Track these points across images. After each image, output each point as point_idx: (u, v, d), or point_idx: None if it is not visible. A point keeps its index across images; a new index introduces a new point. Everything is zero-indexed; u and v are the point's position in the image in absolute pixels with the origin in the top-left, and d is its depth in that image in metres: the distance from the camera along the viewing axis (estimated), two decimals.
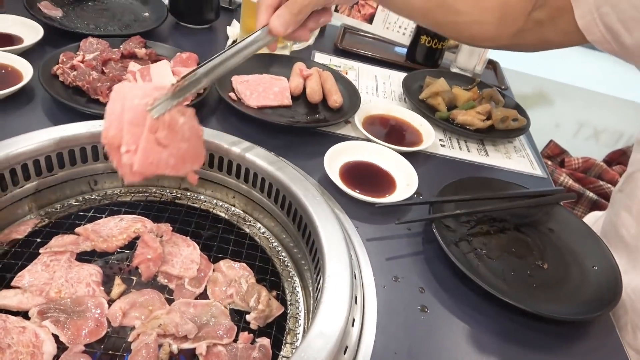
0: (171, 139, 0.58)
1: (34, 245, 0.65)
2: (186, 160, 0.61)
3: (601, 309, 0.68)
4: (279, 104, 0.99)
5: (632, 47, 0.66)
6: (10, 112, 0.83)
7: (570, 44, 0.75)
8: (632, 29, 0.65)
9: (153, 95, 0.58)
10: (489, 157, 1.04)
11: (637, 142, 0.85)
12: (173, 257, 0.65)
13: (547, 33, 0.76)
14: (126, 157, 0.56)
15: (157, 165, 0.57)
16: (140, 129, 0.56)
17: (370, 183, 0.85)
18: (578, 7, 0.69)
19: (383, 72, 1.30)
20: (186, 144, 0.60)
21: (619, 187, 0.88)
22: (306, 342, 0.51)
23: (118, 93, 0.59)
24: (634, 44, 0.66)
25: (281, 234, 0.76)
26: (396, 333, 0.61)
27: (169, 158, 0.58)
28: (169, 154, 0.58)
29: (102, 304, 0.58)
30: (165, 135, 0.57)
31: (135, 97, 0.57)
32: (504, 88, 1.36)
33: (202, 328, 0.58)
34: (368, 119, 1.03)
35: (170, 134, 0.58)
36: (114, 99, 0.58)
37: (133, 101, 0.57)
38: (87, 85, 0.87)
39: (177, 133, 0.59)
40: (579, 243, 0.80)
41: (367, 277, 0.68)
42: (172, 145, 0.58)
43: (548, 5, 0.73)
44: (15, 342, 0.52)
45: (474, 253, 0.75)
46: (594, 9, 0.67)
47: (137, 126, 0.56)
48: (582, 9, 0.68)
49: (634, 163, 0.85)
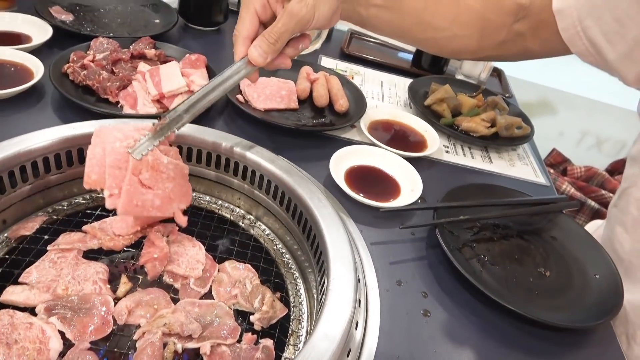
0: (155, 180, 0.58)
1: (41, 242, 0.65)
2: (173, 199, 0.61)
3: (602, 317, 0.68)
4: (286, 107, 1.00)
5: (614, 61, 0.66)
6: (20, 109, 0.84)
7: (554, 54, 0.75)
8: (614, 42, 0.65)
9: (134, 137, 0.57)
10: (492, 164, 1.05)
11: (629, 157, 0.86)
12: (179, 257, 0.66)
13: (530, 44, 0.75)
14: (109, 202, 0.57)
15: (143, 207, 0.58)
16: (122, 172, 0.56)
17: (375, 187, 0.85)
18: (561, 20, 0.68)
19: (389, 78, 1.31)
20: (172, 184, 0.60)
21: (613, 202, 0.89)
22: (310, 344, 0.51)
23: (98, 136, 0.59)
24: (616, 58, 0.65)
25: (285, 236, 0.76)
26: (399, 337, 0.62)
27: (154, 199, 0.58)
28: (154, 195, 0.58)
29: (108, 301, 0.59)
30: (149, 176, 0.57)
31: (115, 139, 0.57)
32: (509, 96, 1.37)
33: (207, 328, 0.59)
34: (373, 124, 1.04)
35: (154, 175, 0.58)
36: (95, 143, 0.58)
37: (114, 144, 0.57)
38: (97, 85, 0.88)
39: (162, 173, 0.59)
40: (581, 251, 0.81)
41: (370, 280, 0.68)
42: (157, 186, 0.58)
43: (530, 17, 0.72)
44: (22, 338, 0.53)
45: (476, 259, 0.76)
46: (577, 22, 0.66)
47: (119, 169, 0.56)
48: (566, 21, 0.67)
49: (627, 179, 0.85)
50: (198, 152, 0.77)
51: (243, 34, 0.64)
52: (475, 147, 1.09)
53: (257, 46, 0.63)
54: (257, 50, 0.63)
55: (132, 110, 0.87)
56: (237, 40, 0.65)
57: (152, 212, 0.59)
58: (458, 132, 1.08)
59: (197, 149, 0.77)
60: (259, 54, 0.63)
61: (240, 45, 0.64)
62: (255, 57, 0.63)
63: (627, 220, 0.81)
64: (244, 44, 0.64)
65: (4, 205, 0.66)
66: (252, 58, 0.63)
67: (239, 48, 0.65)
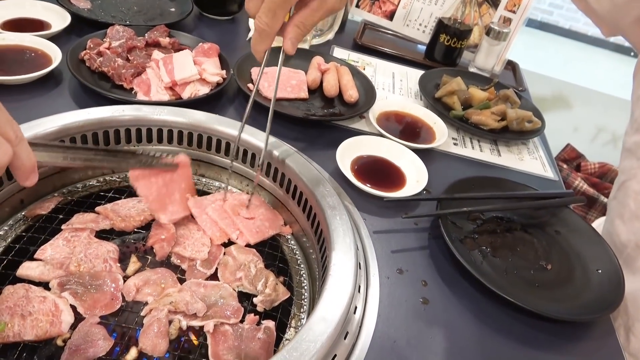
0: (252, 213, 0.75)
1: (56, 221, 0.68)
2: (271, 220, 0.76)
3: (601, 311, 0.69)
4: (296, 97, 1.01)
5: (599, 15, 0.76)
6: (39, 94, 0.87)
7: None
8: (601, 2, 0.74)
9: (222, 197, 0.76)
10: (501, 157, 1.05)
11: (624, 149, 0.86)
12: (185, 240, 0.68)
13: None
14: (241, 241, 0.72)
15: (260, 232, 0.73)
16: (229, 218, 0.73)
17: (380, 177, 0.87)
18: None
19: (400, 69, 1.32)
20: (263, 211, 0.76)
21: (612, 195, 0.89)
22: (308, 325, 0.53)
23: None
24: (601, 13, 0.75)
25: (291, 223, 0.78)
26: (397, 323, 0.63)
27: (262, 222, 0.74)
28: (258, 221, 0.74)
29: (117, 279, 0.61)
30: (246, 212, 0.74)
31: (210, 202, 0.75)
32: (522, 89, 1.36)
33: (211, 307, 0.61)
34: (382, 115, 1.05)
35: (249, 211, 0.75)
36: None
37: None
38: (112, 71, 0.91)
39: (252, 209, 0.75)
40: (585, 246, 0.81)
41: (372, 267, 0.70)
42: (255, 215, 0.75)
43: None
44: (36, 311, 0.55)
45: (478, 250, 0.77)
46: None
47: (225, 219, 0.73)
48: None
49: (624, 171, 0.85)
50: (208, 139, 0.79)
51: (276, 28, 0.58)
52: (484, 140, 1.09)
53: (293, 38, 0.59)
54: (293, 42, 0.60)
55: (146, 97, 0.89)
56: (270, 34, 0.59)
57: (268, 232, 0.74)
58: (467, 125, 1.08)
59: (207, 136, 0.79)
60: (293, 45, 0.60)
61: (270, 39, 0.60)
62: (290, 49, 0.60)
63: (624, 212, 0.82)
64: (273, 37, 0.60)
65: (21, 185, 0.69)
66: (288, 49, 0.60)
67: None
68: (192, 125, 0.79)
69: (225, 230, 0.71)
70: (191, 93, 0.91)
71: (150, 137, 0.79)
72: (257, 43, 0.59)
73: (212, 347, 0.57)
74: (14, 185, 0.68)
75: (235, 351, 0.57)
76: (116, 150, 0.66)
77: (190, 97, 0.91)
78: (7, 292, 0.57)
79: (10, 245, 0.65)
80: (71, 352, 0.53)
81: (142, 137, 0.78)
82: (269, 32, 0.57)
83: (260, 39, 0.58)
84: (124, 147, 0.77)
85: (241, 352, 0.58)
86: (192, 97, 0.91)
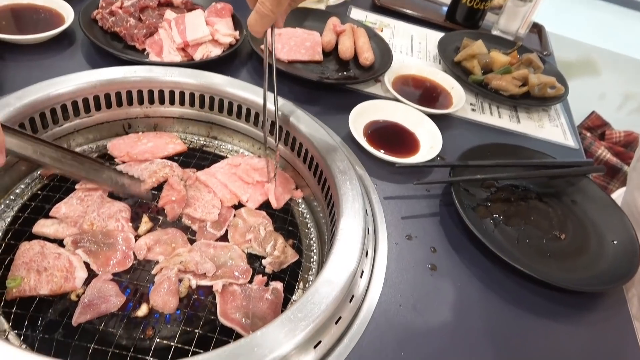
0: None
1: (70, 180, 0.69)
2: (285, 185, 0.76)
3: (614, 282, 0.68)
4: (310, 59, 0.99)
5: None
6: (52, 53, 0.87)
7: None
8: None
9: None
10: (520, 124, 1.02)
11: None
12: (196, 201, 0.69)
13: None
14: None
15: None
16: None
17: (393, 143, 0.85)
18: None
19: (420, 32, 1.27)
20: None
21: (632, 165, 0.86)
22: (314, 287, 0.53)
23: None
24: None
25: (302, 187, 0.78)
26: (403, 288, 0.63)
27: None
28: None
29: (129, 238, 0.63)
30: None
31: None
32: (546, 54, 1.31)
33: (220, 268, 0.62)
34: (399, 79, 1.02)
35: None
36: None
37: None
38: (124, 32, 0.90)
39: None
40: (602, 217, 0.79)
41: (381, 233, 0.70)
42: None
43: None
44: (51, 266, 0.57)
45: (490, 219, 0.76)
46: None
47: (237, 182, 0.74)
48: None
49: None
50: (220, 102, 0.79)
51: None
52: (503, 106, 1.06)
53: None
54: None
55: (158, 58, 0.89)
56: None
57: (281, 196, 0.73)
58: (487, 90, 1.05)
59: (218, 99, 0.79)
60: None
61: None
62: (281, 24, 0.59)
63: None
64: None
65: None
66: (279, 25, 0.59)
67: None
68: (203, 87, 0.78)
69: (236, 192, 0.71)
70: (203, 54, 0.90)
71: (162, 99, 0.79)
72: (256, 24, 0.56)
73: (220, 305, 0.58)
74: None
75: (243, 310, 0.59)
76: (86, 156, 0.65)
77: (202, 58, 0.90)
78: (23, 248, 0.58)
79: (26, 203, 0.67)
80: (85, 306, 0.55)
81: (154, 99, 0.78)
82: (271, 18, 0.55)
83: (261, 22, 0.55)
84: (93, 156, 0.74)
85: (249, 312, 0.59)
86: (204, 58, 0.90)
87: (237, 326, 0.57)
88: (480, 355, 0.59)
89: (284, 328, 0.49)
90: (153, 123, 0.81)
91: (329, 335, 0.53)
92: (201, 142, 0.82)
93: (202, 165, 0.77)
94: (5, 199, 0.66)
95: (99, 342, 0.53)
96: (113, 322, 0.61)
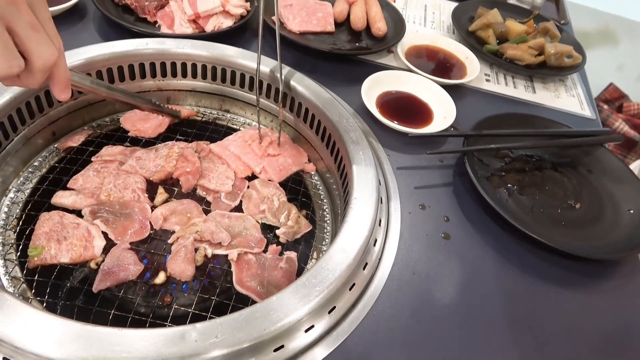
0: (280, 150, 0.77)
1: (86, 153, 0.70)
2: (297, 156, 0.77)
3: (629, 250, 0.67)
4: (322, 30, 0.98)
5: None
6: (63, 27, 0.87)
7: None
8: None
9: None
10: (535, 94, 1.00)
11: None
12: (210, 173, 0.70)
13: None
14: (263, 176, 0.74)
15: (284, 169, 0.75)
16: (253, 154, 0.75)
17: (406, 114, 0.84)
18: None
19: (433, 1, 1.25)
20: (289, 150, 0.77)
21: None
22: (328, 255, 0.54)
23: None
24: None
25: (315, 160, 0.78)
26: (417, 256, 0.64)
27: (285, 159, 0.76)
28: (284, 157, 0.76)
29: (146, 209, 0.64)
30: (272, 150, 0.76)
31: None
32: (564, 23, 1.27)
33: (235, 237, 0.63)
34: (412, 49, 1.01)
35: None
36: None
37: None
38: (136, 4, 0.89)
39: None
40: (618, 186, 0.78)
41: (394, 203, 0.70)
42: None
43: None
44: (71, 236, 0.59)
45: (504, 188, 0.75)
46: None
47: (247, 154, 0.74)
48: None
49: None
50: (232, 74, 0.79)
51: None
52: (519, 76, 1.04)
53: None
54: None
55: (169, 30, 0.88)
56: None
57: (291, 169, 0.74)
58: (502, 60, 1.03)
59: (230, 70, 0.78)
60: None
61: None
62: None
63: None
64: None
65: (53, 118, 0.71)
66: None
67: None
68: (215, 59, 0.78)
69: (249, 164, 0.72)
70: (214, 26, 0.89)
71: (174, 72, 0.79)
72: None
73: (236, 274, 0.59)
74: (45, 118, 0.70)
75: (258, 278, 0.60)
76: (127, 91, 0.69)
77: (214, 30, 0.89)
78: (43, 219, 0.60)
79: (44, 175, 0.68)
80: (104, 274, 0.56)
81: (167, 72, 0.78)
82: None
83: None
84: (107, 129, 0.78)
85: (264, 280, 0.60)
86: (215, 30, 0.89)
87: (253, 294, 0.58)
88: (495, 323, 0.59)
89: (299, 293, 0.50)
90: (166, 96, 0.81)
91: (343, 301, 0.54)
92: (214, 115, 0.83)
93: (215, 138, 0.77)
94: (24, 172, 0.68)
95: (119, 309, 0.54)
96: (132, 290, 0.62)
